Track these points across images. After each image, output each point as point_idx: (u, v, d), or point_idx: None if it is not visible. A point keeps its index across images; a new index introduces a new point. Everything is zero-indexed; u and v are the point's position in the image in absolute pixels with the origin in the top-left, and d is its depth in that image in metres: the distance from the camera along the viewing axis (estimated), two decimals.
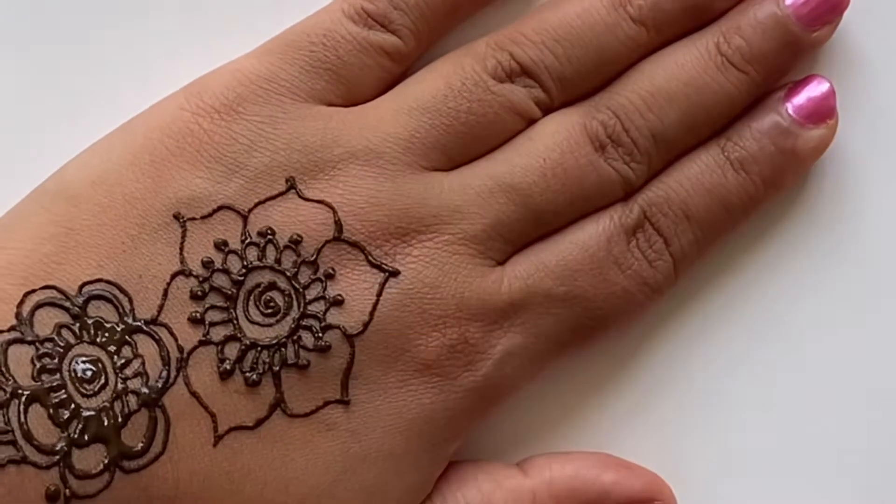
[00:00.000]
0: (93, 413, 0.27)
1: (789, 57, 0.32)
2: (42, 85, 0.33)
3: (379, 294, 0.29)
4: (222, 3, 0.33)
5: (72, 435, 0.27)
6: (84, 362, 0.28)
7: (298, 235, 0.29)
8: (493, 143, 0.31)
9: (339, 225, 0.29)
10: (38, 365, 0.27)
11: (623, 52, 0.31)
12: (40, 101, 0.33)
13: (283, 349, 0.29)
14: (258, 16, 0.32)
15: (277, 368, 0.29)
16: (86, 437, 0.27)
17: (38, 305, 0.28)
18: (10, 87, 0.32)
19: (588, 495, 0.31)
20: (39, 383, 0.27)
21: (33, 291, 0.28)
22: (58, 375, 0.27)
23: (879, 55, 0.33)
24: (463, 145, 0.31)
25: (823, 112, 0.32)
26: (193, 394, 0.28)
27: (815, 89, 0.32)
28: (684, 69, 0.31)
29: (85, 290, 0.28)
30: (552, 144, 0.31)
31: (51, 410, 0.27)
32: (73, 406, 0.27)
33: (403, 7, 0.31)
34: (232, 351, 0.29)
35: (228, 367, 0.28)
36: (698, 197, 0.31)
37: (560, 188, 0.31)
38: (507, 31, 0.31)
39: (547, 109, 0.31)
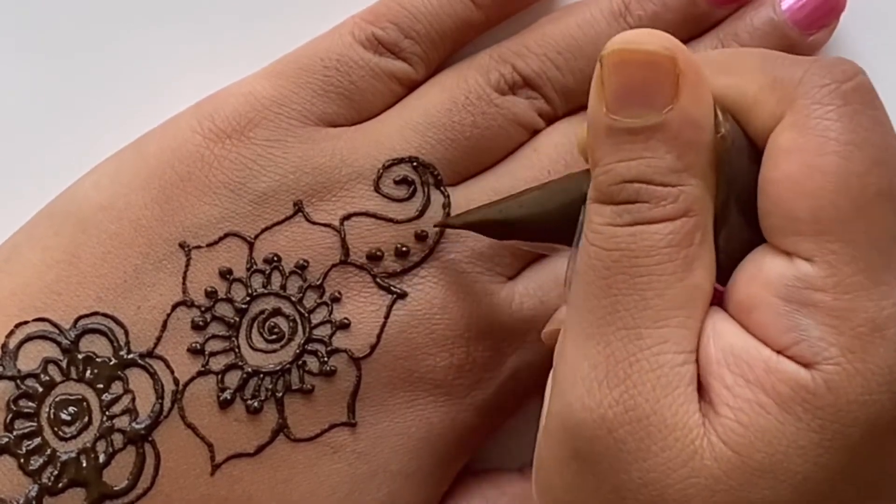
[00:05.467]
0: (72, 456, 0.27)
1: None
2: (55, 92, 0.32)
3: (386, 316, 0.29)
4: (232, 14, 0.32)
5: (45, 482, 0.27)
6: (66, 404, 0.27)
7: (305, 261, 0.29)
8: (497, 155, 0.30)
9: (346, 248, 0.29)
10: (13, 409, 0.27)
11: None
12: (54, 108, 0.32)
13: (286, 375, 0.28)
14: (267, 25, 0.32)
15: (280, 394, 0.28)
16: (60, 484, 0.27)
17: (28, 338, 0.28)
18: (24, 94, 0.32)
19: None
20: (10, 434, 0.27)
21: (25, 323, 0.28)
22: (34, 421, 0.27)
23: (877, 58, 0.32)
24: (468, 159, 0.30)
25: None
26: (189, 425, 0.28)
27: None
28: None
29: (80, 323, 0.28)
30: (555, 156, 0.30)
31: (21, 460, 0.27)
32: (48, 451, 0.27)
33: (414, 36, 0.30)
34: (233, 380, 0.28)
35: (229, 396, 0.28)
36: None
37: None
38: (509, 42, 0.31)
39: (550, 120, 0.31)
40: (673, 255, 0.23)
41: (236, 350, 0.28)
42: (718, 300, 0.24)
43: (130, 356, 0.28)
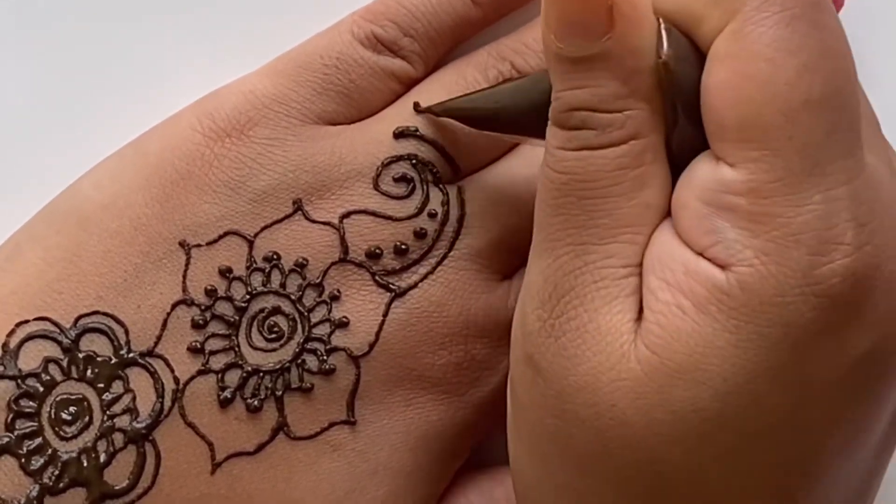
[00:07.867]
0: (72, 455, 0.27)
1: None
2: (55, 91, 0.32)
3: (385, 314, 0.29)
4: (232, 12, 0.32)
5: (46, 482, 0.27)
6: (67, 403, 0.27)
7: (304, 259, 0.29)
8: (496, 152, 0.30)
9: (345, 246, 0.29)
10: (14, 409, 0.27)
11: None
12: (54, 107, 0.32)
13: (286, 373, 0.28)
14: (267, 23, 0.32)
15: (280, 393, 0.28)
16: (61, 484, 0.27)
17: (29, 337, 0.28)
18: (24, 93, 0.32)
19: None
20: (10, 434, 0.27)
21: (26, 322, 0.28)
22: (35, 420, 0.27)
23: (877, 58, 0.32)
24: (467, 156, 0.30)
25: None
26: (189, 424, 0.28)
27: None
28: None
29: (80, 322, 0.28)
30: None
31: (22, 460, 0.27)
32: (49, 451, 0.27)
33: (413, 34, 0.30)
34: (233, 378, 0.28)
35: (229, 395, 0.28)
36: None
37: None
38: (507, 40, 0.31)
39: None
40: (620, 177, 0.23)
41: (236, 349, 0.28)
42: None
43: (131, 355, 0.28)
